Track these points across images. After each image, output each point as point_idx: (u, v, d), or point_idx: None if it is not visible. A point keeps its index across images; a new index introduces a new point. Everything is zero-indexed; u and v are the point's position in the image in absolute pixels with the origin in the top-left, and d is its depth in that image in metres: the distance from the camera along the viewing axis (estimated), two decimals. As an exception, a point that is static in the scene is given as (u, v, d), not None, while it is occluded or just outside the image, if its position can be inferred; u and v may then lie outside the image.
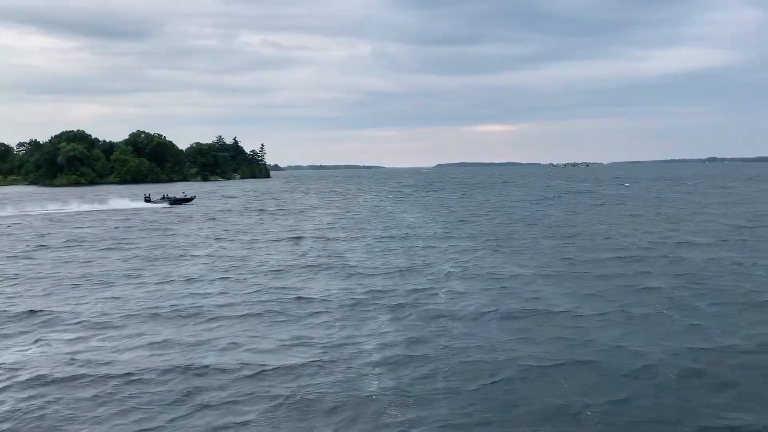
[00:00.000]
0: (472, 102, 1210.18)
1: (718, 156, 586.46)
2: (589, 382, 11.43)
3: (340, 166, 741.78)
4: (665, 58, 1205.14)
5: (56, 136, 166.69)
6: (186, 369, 12.28)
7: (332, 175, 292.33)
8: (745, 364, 12.01)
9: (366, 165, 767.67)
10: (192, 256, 27.54)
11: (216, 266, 24.59)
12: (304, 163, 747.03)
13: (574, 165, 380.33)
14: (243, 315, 16.45)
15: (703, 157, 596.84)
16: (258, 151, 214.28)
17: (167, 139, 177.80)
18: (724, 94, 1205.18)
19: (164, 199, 67.71)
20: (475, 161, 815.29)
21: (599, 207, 52.55)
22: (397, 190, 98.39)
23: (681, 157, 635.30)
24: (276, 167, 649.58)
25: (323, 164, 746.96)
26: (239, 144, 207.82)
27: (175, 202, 66.74)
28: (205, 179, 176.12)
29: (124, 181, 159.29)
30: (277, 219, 47.22)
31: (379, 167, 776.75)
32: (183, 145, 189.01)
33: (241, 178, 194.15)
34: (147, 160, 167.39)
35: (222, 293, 19.28)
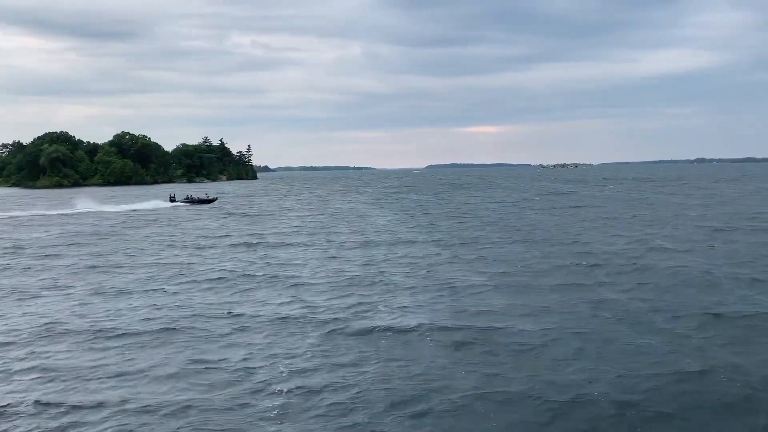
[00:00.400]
0: (463, 103, 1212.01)
1: (707, 157, 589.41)
2: (516, 419, 10.10)
3: (331, 167, 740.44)
4: (654, 60, 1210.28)
5: (39, 138, 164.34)
6: (60, 404, 10.86)
7: (321, 176, 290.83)
8: (687, 394, 10.75)
9: (356, 166, 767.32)
10: (135, 265, 26.04)
11: (155, 276, 23.11)
12: (295, 165, 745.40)
13: (563, 166, 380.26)
14: (153, 334, 15.00)
15: (692, 158, 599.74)
16: (245, 153, 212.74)
17: (153, 140, 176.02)
18: (712, 95, 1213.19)
19: (187, 200, 68.94)
20: (466, 162, 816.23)
21: (576, 209, 51.44)
22: (381, 191, 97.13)
23: (670, 158, 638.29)
24: (266, 168, 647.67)
25: (314, 165, 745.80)
26: (226, 145, 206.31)
27: (197, 201, 67.91)
28: (190, 181, 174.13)
29: (108, 183, 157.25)
30: (242, 223, 45.72)
31: (370, 168, 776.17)
32: (172, 146, 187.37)
33: (228, 179, 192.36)
34: (131, 161, 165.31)
35: (144, 307, 17.80)
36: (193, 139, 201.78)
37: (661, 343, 13.48)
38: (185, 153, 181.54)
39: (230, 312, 17.08)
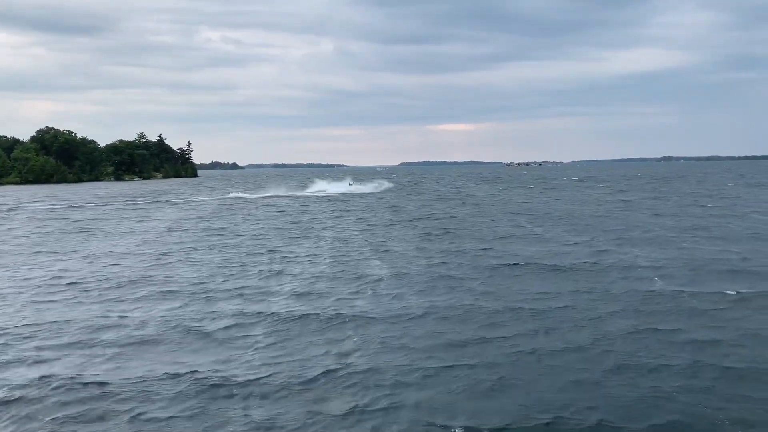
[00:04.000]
0: (436, 101, 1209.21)
1: (674, 155, 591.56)
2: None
3: (303, 165, 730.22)
4: (623, 60, 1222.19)
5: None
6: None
7: (283, 173, 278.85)
8: None
9: (329, 164, 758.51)
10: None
11: None
12: (267, 162, 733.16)
13: (527, 164, 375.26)
14: None
15: (658, 156, 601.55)
16: (185, 149, 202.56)
17: (79, 136, 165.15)
18: (678, 95, 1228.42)
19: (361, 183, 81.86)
20: (438, 160, 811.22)
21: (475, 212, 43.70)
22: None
23: (638, 156, 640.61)
24: (234, 166, 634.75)
25: (285, 163, 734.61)
26: (164, 141, 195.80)
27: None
28: (119, 179, 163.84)
29: (26, 182, 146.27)
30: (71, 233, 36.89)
31: (342, 166, 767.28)
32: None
33: (164, 177, 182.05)
34: (55, 158, 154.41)
35: None
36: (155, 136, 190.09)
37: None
38: (114, 150, 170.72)
39: None
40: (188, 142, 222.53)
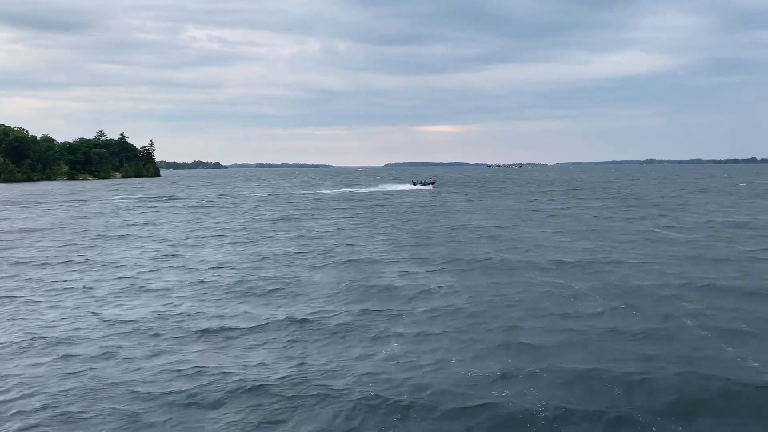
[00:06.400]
0: (422, 102, 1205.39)
1: (656, 158, 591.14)
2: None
3: (289, 164, 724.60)
4: (607, 62, 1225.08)
5: None
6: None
7: (258, 174, 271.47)
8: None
9: (314, 164, 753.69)
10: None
11: None
12: (252, 162, 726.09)
13: (508, 166, 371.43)
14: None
15: (641, 158, 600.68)
16: (148, 147, 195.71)
17: (30, 133, 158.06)
18: (662, 98, 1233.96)
19: (424, 183, 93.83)
20: (424, 161, 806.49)
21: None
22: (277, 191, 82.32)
23: (621, 159, 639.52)
24: (218, 165, 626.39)
25: (270, 162, 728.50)
26: (126, 139, 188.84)
27: (425, 184, 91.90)
28: (72, 178, 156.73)
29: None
30: None
31: (328, 166, 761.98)
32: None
33: (123, 176, 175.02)
34: (2, 157, 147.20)
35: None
36: (144, 135, 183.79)
37: None
38: (68, 148, 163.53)
39: None
40: (150, 140, 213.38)
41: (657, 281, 17.48)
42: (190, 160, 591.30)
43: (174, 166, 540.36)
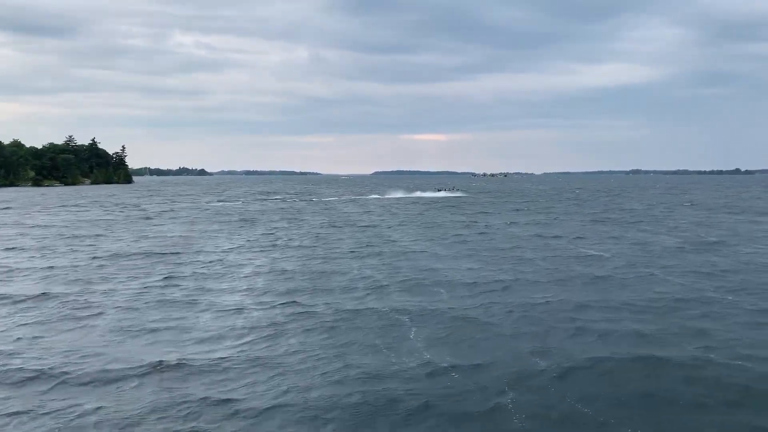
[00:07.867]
0: (410, 111, 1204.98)
1: (642, 168, 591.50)
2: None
3: (276, 171, 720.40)
4: (594, 73, 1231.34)
5: None
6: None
7: (238, 181, 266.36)
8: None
9: (302, 171, 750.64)
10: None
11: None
12: (239, 169, 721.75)
13: (492, 175, 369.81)
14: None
15: (627, 169, 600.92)
16: (120, 153, 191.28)
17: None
18: (648, 109, 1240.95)
19: (445, 189, 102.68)
20: (412, 169, 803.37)
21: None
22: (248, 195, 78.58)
23: (608, 169, 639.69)
24: (203, 172, 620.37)
25: (258, 170, 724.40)
26: (97, 145, 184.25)
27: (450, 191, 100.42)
28: (37, 185, 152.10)
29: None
30: None
31: (316, 173, 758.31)
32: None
33: (93, 183, 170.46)
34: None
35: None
36: (128, 141, 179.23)
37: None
38: (33, 154, 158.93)
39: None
40: (122, 146, 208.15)
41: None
42: (175, 167, 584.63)
43: (158, 172, 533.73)
